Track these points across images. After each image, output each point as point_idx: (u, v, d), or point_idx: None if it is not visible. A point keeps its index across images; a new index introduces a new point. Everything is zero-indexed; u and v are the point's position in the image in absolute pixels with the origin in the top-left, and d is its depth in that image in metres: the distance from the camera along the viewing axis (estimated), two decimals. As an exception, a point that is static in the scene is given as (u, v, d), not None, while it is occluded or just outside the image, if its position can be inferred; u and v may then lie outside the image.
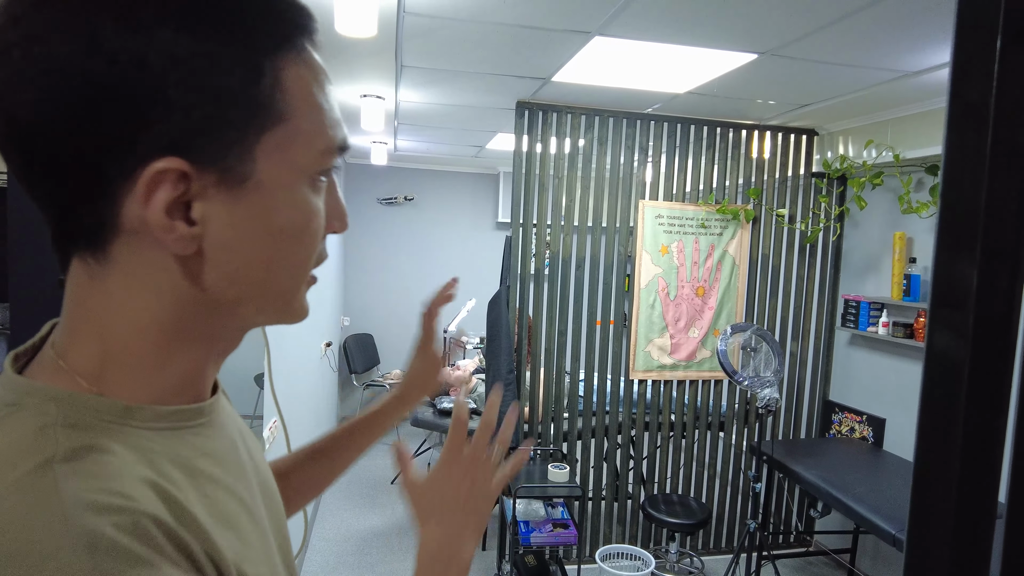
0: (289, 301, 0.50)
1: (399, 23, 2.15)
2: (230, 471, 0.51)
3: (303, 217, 0.48)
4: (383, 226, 5.81)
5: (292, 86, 0.45)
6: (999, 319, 0.73)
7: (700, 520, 3.08)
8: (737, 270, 3.53)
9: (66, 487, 0.37)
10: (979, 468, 0.75)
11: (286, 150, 0.45)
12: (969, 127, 0.71)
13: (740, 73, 2.52)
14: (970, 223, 0.73)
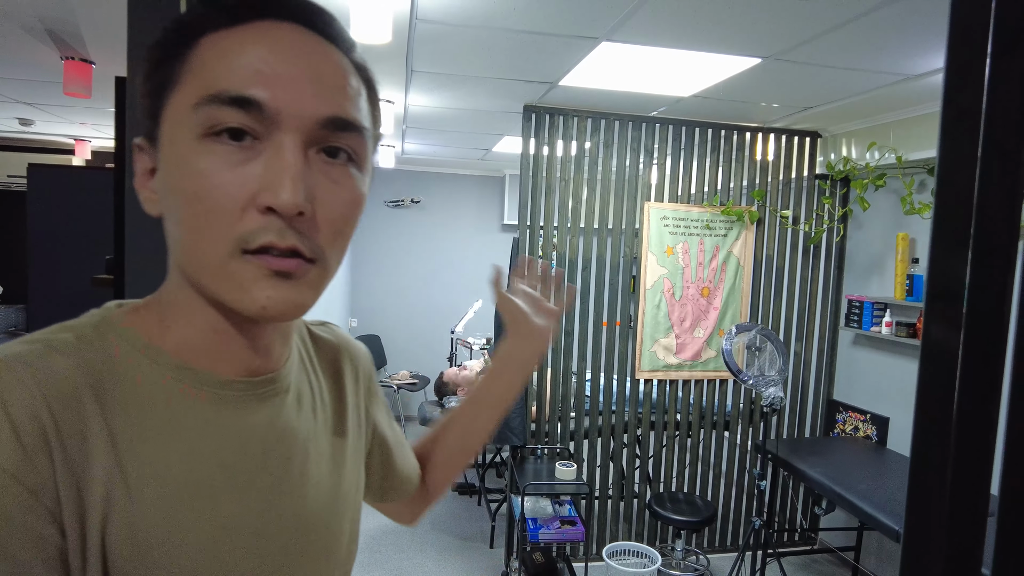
0: (216, 281, 0.48)
1: (411, 29, 2.20)
2: (224, 444, 0.52)
3: (186, 179, 0.47)
4: (390, 228, 5.87)
5: (199, 57, 0.48)
6: (992, 312, 0.78)
7: (705, 518, 3.11)
8: (742, 271, 3.57)
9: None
10: (973, 453, 0.80)
11: (172, 111, 0.48)
12: (962, 131, 0.76)
13: (744, 77, 2.56)
14: (963, 222, 0.78)
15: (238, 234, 0.46)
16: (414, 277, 5.90)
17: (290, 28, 0.49)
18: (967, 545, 0.82)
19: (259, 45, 0.47)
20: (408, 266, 5.86)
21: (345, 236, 0.52)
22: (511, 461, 3.33)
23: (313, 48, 0.50)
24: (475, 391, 0.86)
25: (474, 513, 4.15)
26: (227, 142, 0.46)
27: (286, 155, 0.46)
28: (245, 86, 0.46)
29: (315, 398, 0.64)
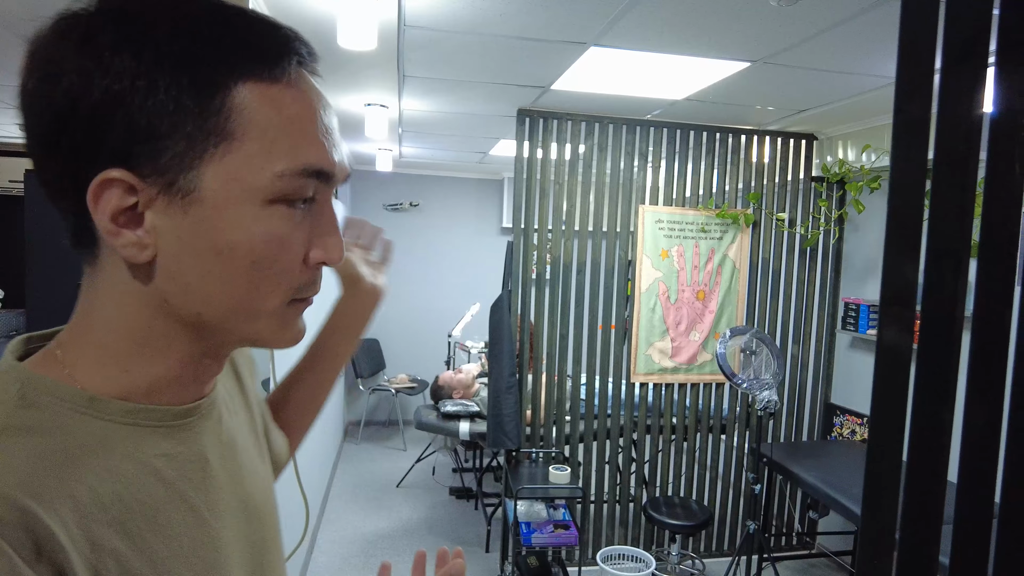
0: (263, 323, 0.50)
1: (400, 35, 2.22)
2: (190, 478, 0.52)
3: (253, 239, 0.47)
4: (389, 232, 5.78)
5: (249, 108, 0.46)
6: (945, 315, 0.78)
7: (701, 522, 3.11)
8: (737, 274, 3.57)
9: None
10: (927, 454, 0.80)
11: (233, 170, 0.46)
12: (911, 140, 0.77)
13: (735, 80, 2.56)
14: (914, 228, 0.79)
15: (296, 287, 0.51)
16: (413, 280, 5.91)
17: (309, 79, 0.50)
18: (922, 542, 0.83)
19: (310, 107, 0.49)
20: (407, 269, 5.87)
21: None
22: (505, 465, 3.34)
23: (326, 102, 0.51)
24: (314, 347, 0.87)
25: (470, 517, 4.15)
26: (298, 207, 0.49)
27: (332, 216, 0.51)
28: (325, 159, 0.49)
29: (229, 395, 0.65)
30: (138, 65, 0.43)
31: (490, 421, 3.33)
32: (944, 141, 0.78)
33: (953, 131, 0.77)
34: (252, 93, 0.46)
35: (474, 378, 4.25)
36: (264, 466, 0.67)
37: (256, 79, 0.46)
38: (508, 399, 3.28)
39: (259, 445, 0.68)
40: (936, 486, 0.81)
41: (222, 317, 0.49)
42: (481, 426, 3.85)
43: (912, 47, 0.75)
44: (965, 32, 0.76)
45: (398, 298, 5.97)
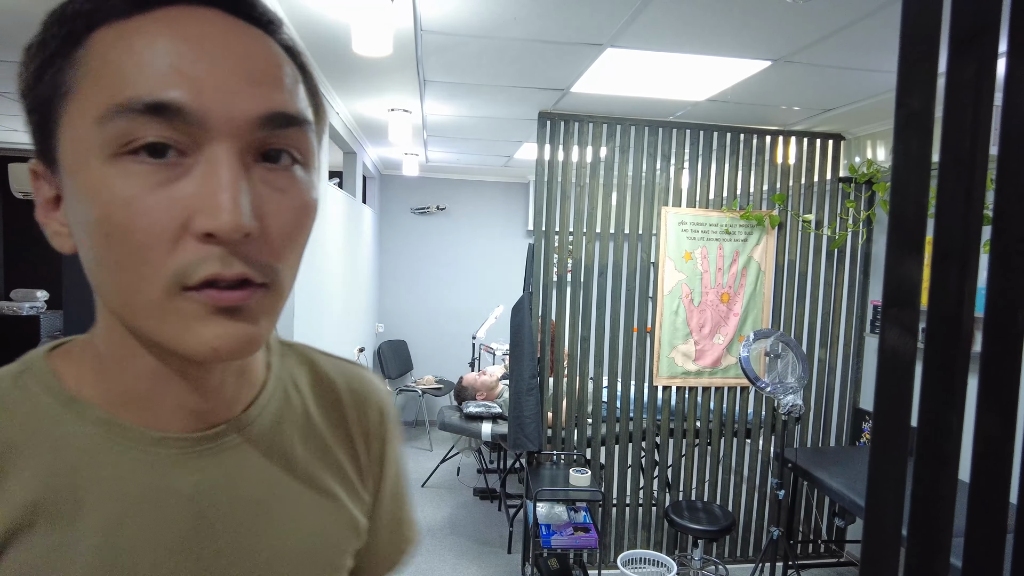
0: (153, 322, 0.41)
1: (418, 41, 2.24)
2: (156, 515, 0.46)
3: (101, 209, 0.39)
4: (416, 235, 5.95)
5: (93, 55, 0.39)
6: (951, 317, 0.77)
7: (724, 527, 3.06)
8: (763, 276, 3.51)
9: None
10: (934, 461, 0.78)
11: (73, 126, 0.40)
12: (913, 135, 0.75)
13: (756, 80, 2.53)
14: (916, 226, 0.77)
15: (174, 269, 0.39)
16: (440, 283, 5.96)
17: (205, 13, 0.40)
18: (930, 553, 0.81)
19: (172, 36, 0.39)
20: (434, 272, 5.92)
21: (298, 248, 0.45)
22: (526, 467, 3.34)
23: (238, 35, 0.41)
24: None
25: (493, 518, 4.16)
26: (147, 160, 0.38)
27: (221, 169, 0.38)
28: (161, 89, 0.37)
29: (299, 448, 0.55)
30: (30, 52, 0.41)
31: (511, 423, 3.33)
32: (950, 136, 0.77)
33: (959, 126, 0.75)
34: (103, 38, 0.39)
35: (498, 380, 4.26)
36: (308, 539, 0.54)
37: (112, 21, 0.40)
38: (529, 401, 3.28)
39: (321, 515, 0.55)
40: (944, 494, 0.78)
41: (121, 314, 0.43)
42: (503, 427, 3.86)
43: (914, 38, 0.74)
44: (972, 21, 0.74)
45: (426, 300, 6.02)
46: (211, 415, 0.49)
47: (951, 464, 0.79)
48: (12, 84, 3.16)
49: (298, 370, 0.59)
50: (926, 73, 0.74)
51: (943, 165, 0.77)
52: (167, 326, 0.40)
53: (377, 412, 0.63)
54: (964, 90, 0.75)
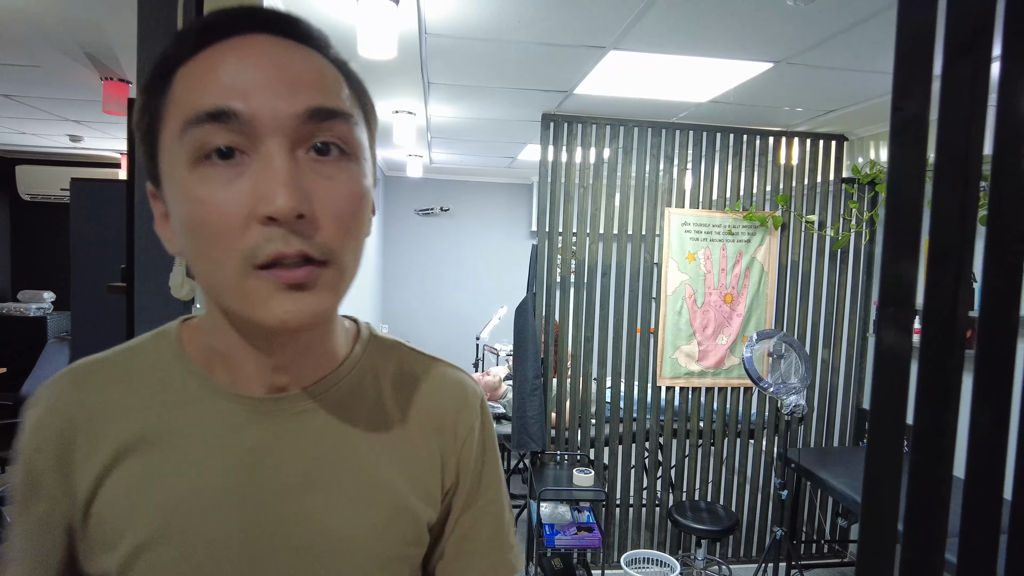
0: (234, 299, 0.49)
1: (422, 43, 2.26)
2: (226, 456, 0.55)
3: (188, 209, 0.48)
4: (420, 236, 5.97)
5: (174, 89, 0.49)
6: (946, 316, 0.78)
7: (727, 527, 3.07)
8: (766, 277, 3.52)
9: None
10: (930, 458, 0.80)
11: (165, 146, 0.49)
12: (909, 138, 0.77)
13: (758, 82, 2.54)
14: (912, 227, 0.78)
15: (244, 249, 0.46)
16: (443, 283, 5.98)
17: (257, 38, 0.49)
18: (925, 549, 0.82)
19: (227, 60, 0.48)
20: (437, 273, 5.95)
21: (354, 232, 0.51)
22: (530, 467, 3.35)
23: (281, 51, 0.49)
24: None
25: (498, 518, 4.17)
26: (217, 163, 0.47)
27: (274, 161, 0.46)
28: (218, 100, 0.46)
29: (362, 431, 0.60)
30: (140, 94, 0.52)
31: (515, 423, 3.35)
32: (945, 138, 0.78)
33: (954, 128, 0.77)
34: (182, 74, 0.49)
35: (501, 380, 4.27)
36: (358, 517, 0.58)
37: (187, 60, 0.49)
38: (532, 401, 3.29)
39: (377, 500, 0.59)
40: (939, 490, 0.80)
41: (211, 294, 0.52)
42: (507, 428, 3.87)
43: (909, 42, 0.75)
44: (967, 25, 0.75)
45: (430, 301, 6.04)
46: (281, 383, 0.57)
47: (946, 460, 0.80)
48: (18, 86, 3.20)
49: (384, 362, 0.64)
50: (921, 77, 0.75)
51: (939, 166, 0.79)
52: (245, 301, 0.48)
53: (460, 412, 0.65)
54: (959, 92, 0.76)
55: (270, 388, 0.56)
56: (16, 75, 2.95)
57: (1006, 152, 0.77)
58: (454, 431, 0.64)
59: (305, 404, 0.57)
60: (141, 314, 1.29)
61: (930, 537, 0.80)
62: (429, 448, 0.63)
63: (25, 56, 2.64)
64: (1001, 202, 0.79)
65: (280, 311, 0.48)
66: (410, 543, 0.60)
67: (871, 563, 0.80)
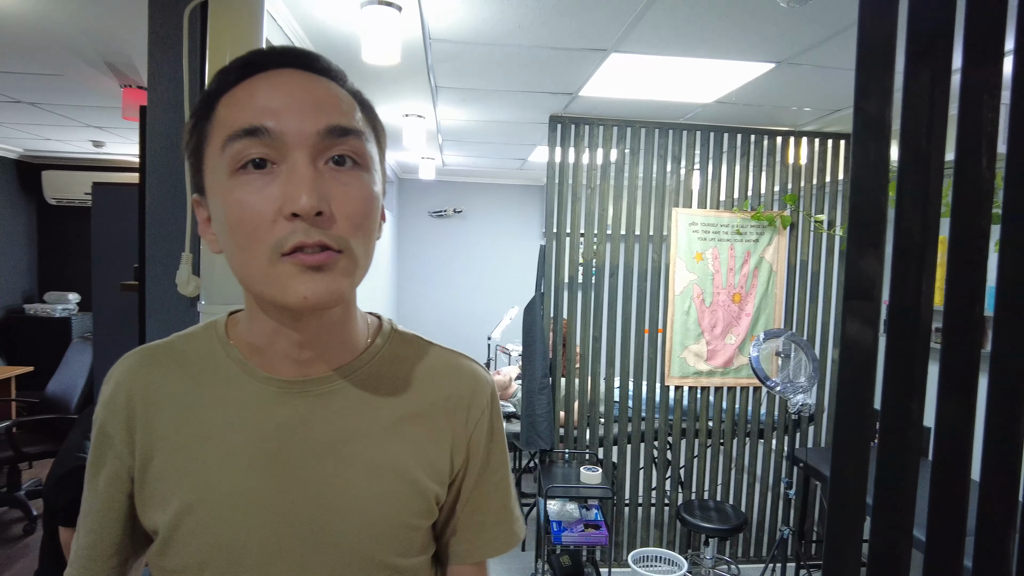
0: (264, 284, 0.58)
1: (427, 49, 2.31)
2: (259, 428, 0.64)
3: (228, 211, 0.58)
4: (433, 238, 6.03)
5: (218, 114, 0.60)
6: (910, 309, 0.81)
7: (735, 526, 3.08)
8: (775, 276, 3.52)
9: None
10: (896, 448, 0.83)
11: (210, 160, 0.60)
12: (870, 137, 0.80)
13: (762, 82, 2.56)
14: (874, 224, 0.81)
15: (273, 241, 0.56)
16: (456, 284, 6.04)
17: (286, 72, 0.60)
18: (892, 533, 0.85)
19: (262, 88, 0.58)
20: (450, 274, 6.01)
21: (365, 229, 0.60)
22: (538, 465, 3.39)
23: (307, 81, 0.60)
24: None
25: (509, 517, 4.21)
26: (252, 172, 0.57)
27: (299, 168, 0.56)
28: (255, 119, 0.56)
29: (380, 413, 0.67)
30: (190, 120, 0.63)
31: (524, 421, 3.39)
32: (907, 138, 0.80)
33: (915, 128, 0.79)
34: (224, 101, 0.60)
35: (511, 379, 4.31)
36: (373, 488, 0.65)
37: (229, 89, 0.60)
38: (541, 400, 3.33)
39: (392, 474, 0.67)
40: (906, 479, 0.82)
41: (245, 284, 0.61)
42: (517, 427, 3.91)
43: (870, 46, 0.78)
44: (927, 28, 0.78)
45: (443, 302, 6.10)
46: (309, 368, 0.66)
47: (912, 449, 0.82)
48: (43, 94, 3.31)
49: (403, 352, 0.73)
50: (882, 79, 0.78)
51: (902, 165, 0.81)
52: (273, 284, 0.57)
53: (472, 399, 0.73)
54: (920, 95, 0.79)
55: (296, 372, 0.65)
56: (41, 83, 3.06)
57: (968, 151, 0.79)
58: (466, 416, 0.72)
59: (329, 386, 0.66)
60: (152, 310, 1.36)
61: (898, 519, 0.83)
62: (441, 431, 0.70)
63: (49, 65, 2.74)
64: (962, 199, 0.81)
65: (302, 289, 0.56)
66: (416, 514, 0.68)
67: (838, 550, 0.83)
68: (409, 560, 0.68)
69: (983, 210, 0.79)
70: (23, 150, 5.27)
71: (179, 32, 1.32)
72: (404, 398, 0.69)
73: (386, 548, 0.66)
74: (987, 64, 0.78)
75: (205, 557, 0.62)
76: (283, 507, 0.63)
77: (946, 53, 0.78)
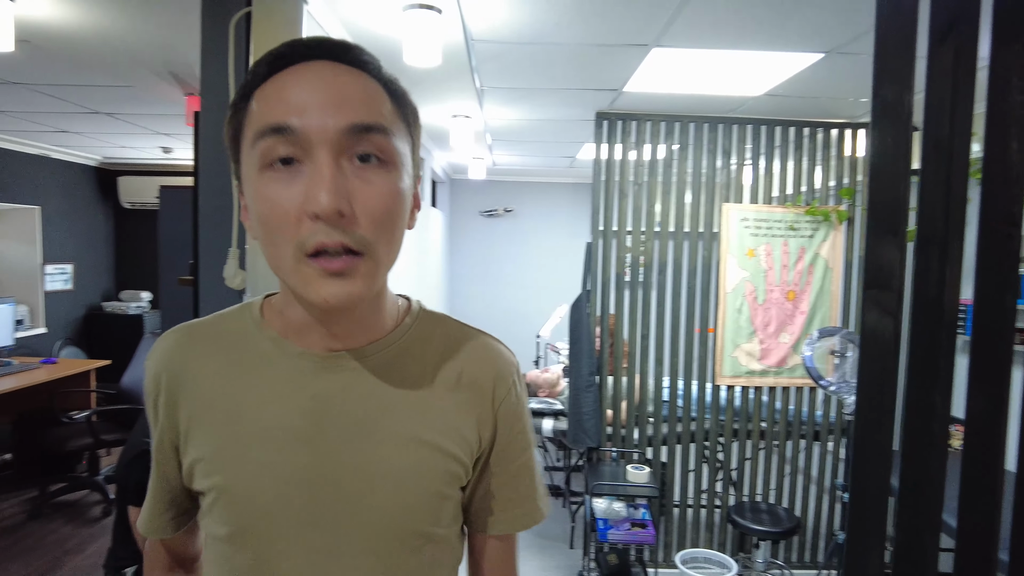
0: (291, 280, 0.60)
1: (469, 50, 2.35)
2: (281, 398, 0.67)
3: (258, 206, 0.60)
4: (484, 237, 6.10)
5: (251, 107, 0.61)
6: (933, 300, 0.79)
7: (787, 529, 3.00)
8: (831, 273, 3.41)
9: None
10: (921, 441, 0.81)
11: (244, 153, 0.62)
12: (888, 124, 0.79)
13: (811, 73, 2.49)
14: (894, 212, 0.80)
15: (297, 240, 0.57)
16: (507, 283, 6.09)
17: (317, 64, 0.60)
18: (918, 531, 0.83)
19: (289, 83, 0.59)
20: (501, 272, 6.06)
21: (388, 227, 0.61)
22: (585, 463, 3.39)
23: (336, 74, 0.59)
24: None
25: (558, 514, 4.22)
26: (280, 169, 0.58)
27: (321, 168, 0.56)
28: (280, 117, 0.57)
29: (409, 386, 0.70)
30: (229, 113, 0.64)
31: (570, 419, 3.39)
32: (931, 124, 0.78)
33: (939, 114, 0.77)
34: (256, 96, 0.61)
35: (560, 377, 4.32)
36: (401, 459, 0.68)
37: (261, 84, 0.61)
38: (587, 397, 3.33)
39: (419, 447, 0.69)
40: (931, 475, 0.79)
41: (277, 275, 0.63)
42: (564, 424, 3.92)
43: (889, 28, 0.76)
44: (950, 10, 0.76)
45: (493, 299, 6.16)
46: (340, 346, 0.68)
47: (938, 444, 0.80)
48: (115, 104, 3.53)
49: (432, 330, 0.75)
50: (901, 63, 0.76)
51: (924, 151, 0.79)
52: (299, 283, 0.60)
53: (497, 377, 0.75)
54: (943, 78, 0.77)
55: (328, 349, 0.68)
56: (113, 95, 3.26)
57: (995, 135, 0.77)
58: (492, 392, 0.74)
59: (360, 362, 0.69)
60: (204, 303, 1.44)
61: (924, 518, 0.81)
62: (469, 405, 0.72)
63: (121, 77, 2.92)
64: (992, 185, 0.78)
65: (324, 293, 0.59)
66: (447, 483, 0.71)
67: (859, 546, 0.81)
68: (441, 529, 0.71)
69: (1013, 197, 0.76)
70: (102, 158, 5.61)
71: (227, 41, 1.40)
72: (433, 373, 0.72)
73: (419, 517, 0.69)
74: (1017, 43, 0.75)
75: (245, 524, 0.66)
76: (319, 478, 0.66)
77: (971, 30, 0.75)
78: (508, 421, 0.75)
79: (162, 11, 2.04)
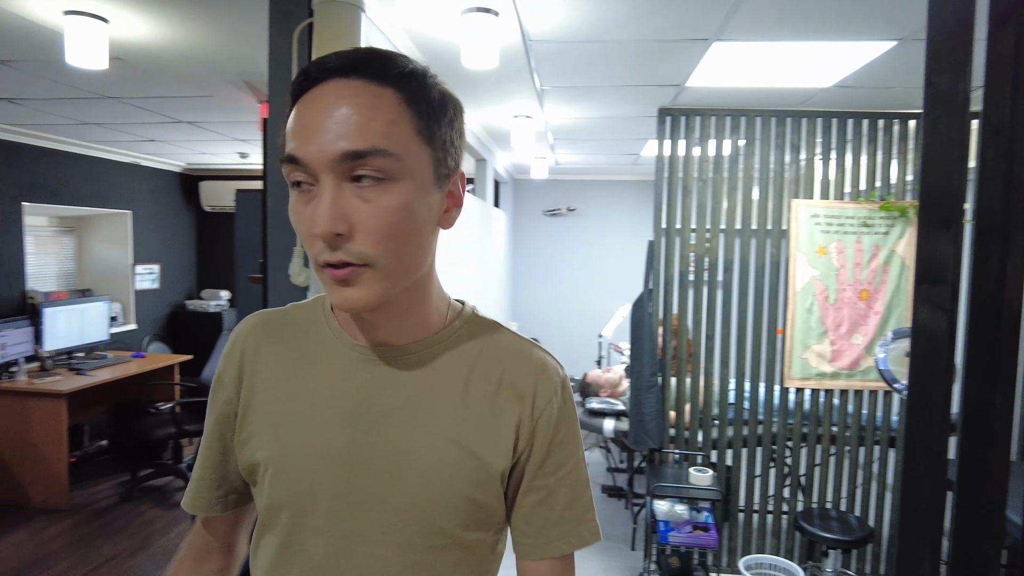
0: (321, 281, 0.67)
1: (528, 51, 2.38)
2: (330, 384, 0.73)
3: (291, 215, 0.66)
4: (547, 236, 6.11)
5: (288, 122, 0.65)
6: (992, 294, 0.76)
7: (858, 538, 2.88)
8: (907, 272, 3.24)
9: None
10: (978, 440, 0.78)
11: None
12: (941, 113, 0.76)
13: (884, 61, 2.38)
14: (947, 203, 0.77)
15: (313, 253, 0.64)
16: (570, 282, 6.08)
17: (326, 87, 0.62)
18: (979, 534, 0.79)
19: (303, 112, 0.62)
20: (564, 271, 6.06)
21: (393, 239, 0.63)
22: (647, 464, 3.35)
23: (338, 96, 0.61)
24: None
25: (620, 515, 4.19)
26: (299, 191, 0.64)
27: (323, 194, 0.61)
28: (291, 148, 0.62)
29: (451, 385, 0.73)
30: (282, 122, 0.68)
31: (632, 419, 3.36)
32: (989, 111, 0.74)
33: (998, 100, 0.73)
34: (292, 115, 0.65)
35: (621, 377, 4.29)
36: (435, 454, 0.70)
37: (294, 105, 0.65)
38: (649, 398, 3.29)
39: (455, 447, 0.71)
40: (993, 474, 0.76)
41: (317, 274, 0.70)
42: (626, 424, 3.89)
43: (943, 14, 0.73)
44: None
45: (556, 298, 6.16)
46: (385, 341, 0.73)
47: (998, 443, 0.76)
48: (196, 113, 3.75)
49: (479, 334, 0.77)
50: (955, 50, 0.73)
51: (983, 139, 0.75)
52: (324, 287, 0.66)
53: (539, 386, 0.74)
54: (1003, 62, 0.73)
55: (373, 342, 0.73)
56: (195, 105, 3.46)
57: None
58: (532, 401, 0.73)
59: (406, 357, 0.73)
60: (272, 300, 1.52)
61: (984, 523, 0.77)
62: (507, 412, 0.72)
63: (200, 87, 3.10)
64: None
65: (336, 297, 0.65)
66: (475, 486, 0.71)
67: (911, 554, 0.78)
68: (471, 534, 0.71)
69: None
70: (185, 164, 5.97)
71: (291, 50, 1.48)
72: (474, 376, 0.73)
73: (446, 516, 0.70)
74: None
75: (284, 499, 0.71)
76: (354, 462, 0.70)
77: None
78: (547, 435, 0.73)
79: (236, 23, 2.16)
